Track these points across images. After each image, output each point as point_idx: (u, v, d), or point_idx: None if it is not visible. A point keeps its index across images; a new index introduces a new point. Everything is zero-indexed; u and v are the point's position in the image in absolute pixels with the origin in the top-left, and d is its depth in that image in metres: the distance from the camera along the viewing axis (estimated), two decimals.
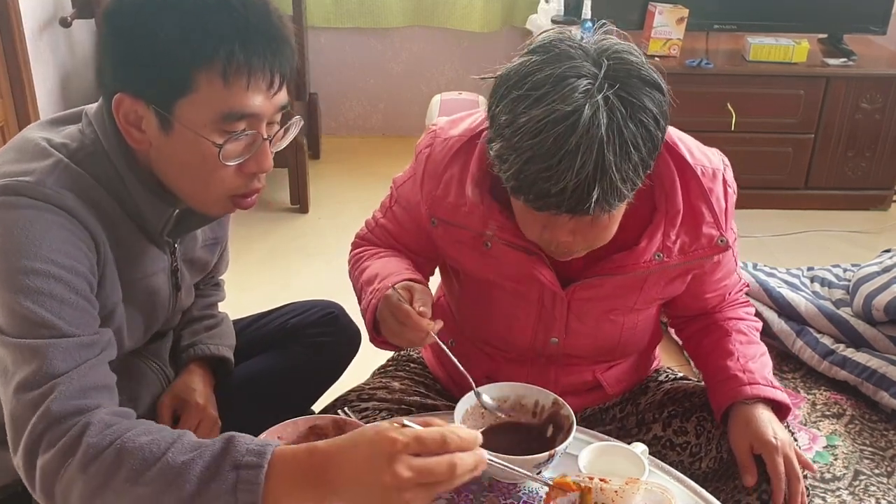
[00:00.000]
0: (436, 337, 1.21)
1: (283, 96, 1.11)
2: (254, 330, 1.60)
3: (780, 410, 1.34)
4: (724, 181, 1.31)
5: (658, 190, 1.28)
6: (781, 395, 1.34)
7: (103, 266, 1.10)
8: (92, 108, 1.16)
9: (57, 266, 1.02)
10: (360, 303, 1.35)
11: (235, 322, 1.60)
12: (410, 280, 1.28)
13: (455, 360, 1.26)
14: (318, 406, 1.57)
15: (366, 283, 1.34)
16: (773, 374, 1.38)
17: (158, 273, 1.24)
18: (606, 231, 1.18)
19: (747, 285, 1.54)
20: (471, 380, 1.25)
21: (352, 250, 1.51)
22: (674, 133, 1.29)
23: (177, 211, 1.19)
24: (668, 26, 3.16)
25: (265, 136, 1.11)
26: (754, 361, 1.37)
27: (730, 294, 1.47)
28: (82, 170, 1.10)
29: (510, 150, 1.07)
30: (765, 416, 1.30)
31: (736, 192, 1.33)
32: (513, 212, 1.25)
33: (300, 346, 1.56)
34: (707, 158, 1.31)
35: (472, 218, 1.29)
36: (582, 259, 1.27)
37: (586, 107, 1.03)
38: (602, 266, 1.29)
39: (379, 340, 1.32)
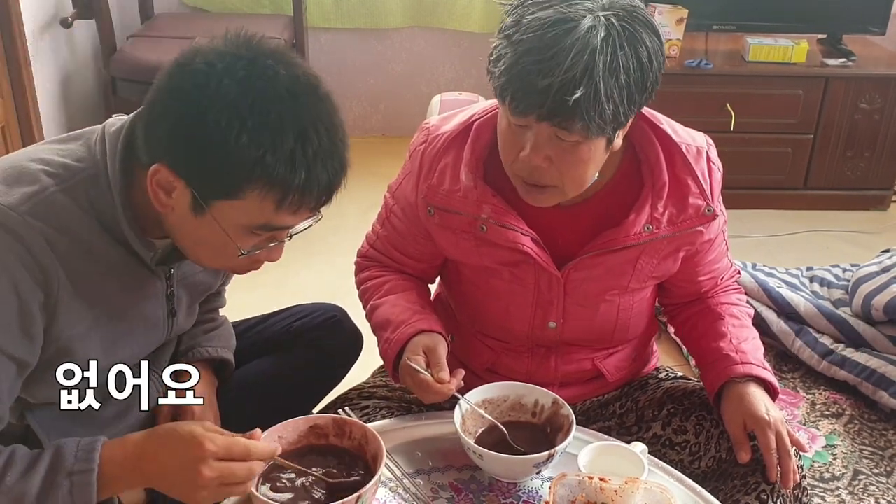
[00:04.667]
0: (457, 394, 1.25)
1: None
2: (257, 332, 1.60)
3: (770, 394, 1.36)
4: (709, 158, 1.35)
5: (644, 166, 1.32)
6: (772, 378, 1.36)
7: (56, 301, 1.08)
8: (114, 124, 1.15)
9: None
10: (374, 335, 1.40)
11: (239, 324, 1.60)
12: (422, 331, 1.32)
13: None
14: (318, 404, 1.58)
15: (378, 328, 1.39)
16: (773, 373, 1.39)
17: (151, 298, 1.23)
18: (581, 166, 1.20)
19: (738, 272, 1.56)
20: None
21: (357, 273, 1.52)
22: (658, 114, 1.34)
23: (167, 241, 1.18)
24: (667, 27, 3.16)
25: (286, 238, 1.15)
26: (747, 343, 1.39)
27: (722, 279, 1.50)
28: (70, 198, 1.09)
29: (509, 46, 1.14)
30: (757, 393, 1.32)
31: (721, 170, 1.37)
32: (506, 195, 1.30)
33: (304, 349, 1.56)
34: (691, 137, 1.35)
35: (466, 202, 1.32)
36: (574, 240, 1.32)
37: (588, 17, 1.12)
38: (594, 244, 1.32)
39: (399, 382, 1.35)
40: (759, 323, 2.41)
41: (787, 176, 3.40)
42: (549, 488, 1.13)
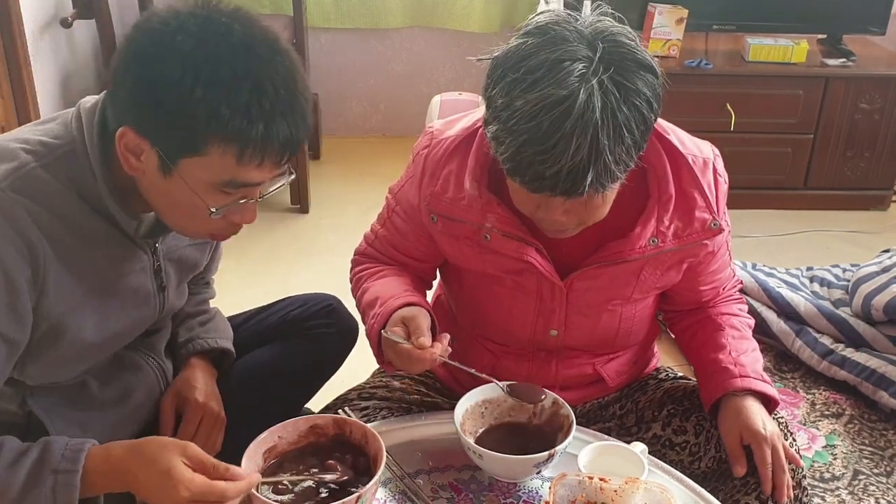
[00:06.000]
0: (444, 358, 1.23)
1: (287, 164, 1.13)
2: (255, 323, 1.61)
3: (769, 405, 1.36)
4: (715, 170, 1.33)
5: (651, 177, 1.30)
6: (771, 390, 1.35)
7: (44, 275, 1.09)
8: (88, 101, 1.16)
9: None
10: (364, 321, 1.38)
11: (235, 317, 1.61)
12: (407, 304, 1.29)
13: (468, 370, 1.28)
14: (318, 404, 1.58)
15: (367, 307, 1.37)
16: (773, 373, 1.39)
17: (137, 272, 1.23)
18: (599, 210, 1.20)
19: (741, 282, 1.55)
20: (492, 379, 1.27)
21: (352, 268, 1.51)
22: (665, 124, 1.32)
23: (152, 213, 1.20)
24: (667, 27, 3.17)
25: (258, 197, 1.14)
26: (746, 355, 1.38)
27: (724, 289, 1.49)
28: (50, 174, 1.10)
29: (506, 132, 1.09)
30: (754, 407, 1.32)
31: (727, 181, 1.35)
32: (510, 204, 1.27)
33: (300, 339, 1.57)
34: (698, 149, 1.33)
35: (470, 211, 1.30)
36: (578, 249, 1.29)
37: (581, 91, 1.05)
38: (598, 255, 1.31)
39: (386, 363, 1.33)
40: (759, 323, 2.40)
41: (787, 176, 3.40)
42: (549, 488, 1.13)
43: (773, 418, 1.35)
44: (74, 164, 1.12)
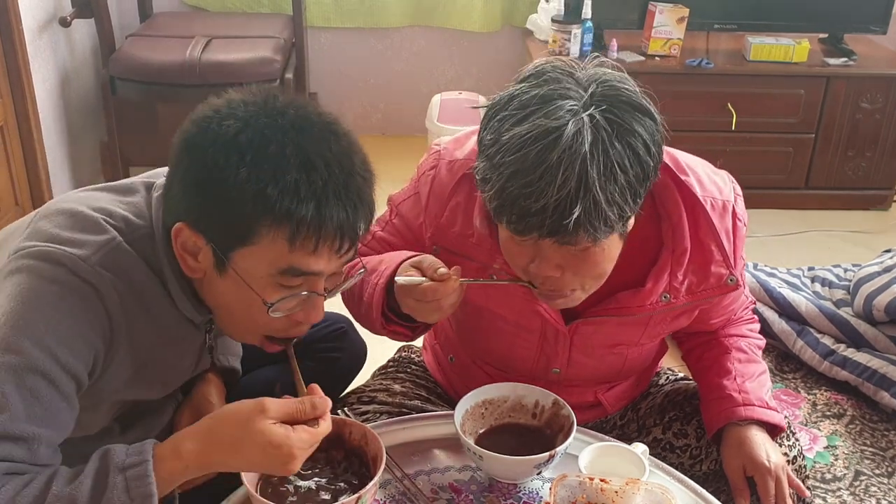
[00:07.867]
0: (465, 280, 1.17)
1: (351, 253, 1.07)
2: None
3: (775, 430, 1.33)
4: (734, 214, 1.27)
5: (665, 225, 1.25)
6: (777, 418, 1.32)
7: (113, 354, 1.07)
8: (161, 186, 1.12)
9: (52, 360, 0.99)
10: (363, 298, 1.30)
11: None
12: (412, 256, 1.22)
13: (493, 281, 1.22)
14: None
15: (368, 274, 1.29)
16: (774, 374, 1.38)
17: (189, 353, 1.22)
18: (598, 268, 1.13)
19: (754, 302, 1.51)
20: (517, 282, 1.20)
21: None
22: (682, 161, 1.26)
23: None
24: (668, 26, 3.16)
25: (322, 292, 1.08)
26: (751, 381, 1.35)
27: (735, 314, 1.45)
28: (135, 250, 1.07)
29: (492, 168, 1.05)
30: (758, 437, 1.29)
31: (746, 224, 1.30)
32: None
33: (310, 361, 1.53)
34: (717, 189, 1.27)
35: (479, 250, 1.25)
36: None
37: (570, 123, 1.01)
38: (606, 305, 1.26)
39: (389, 329, 1.28)
40: (760, 323, 2.40)
41: (788, 175, 3.40)
42: (550, 489, 1.12)
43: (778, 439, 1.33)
44: (152, 249, 1.09)
